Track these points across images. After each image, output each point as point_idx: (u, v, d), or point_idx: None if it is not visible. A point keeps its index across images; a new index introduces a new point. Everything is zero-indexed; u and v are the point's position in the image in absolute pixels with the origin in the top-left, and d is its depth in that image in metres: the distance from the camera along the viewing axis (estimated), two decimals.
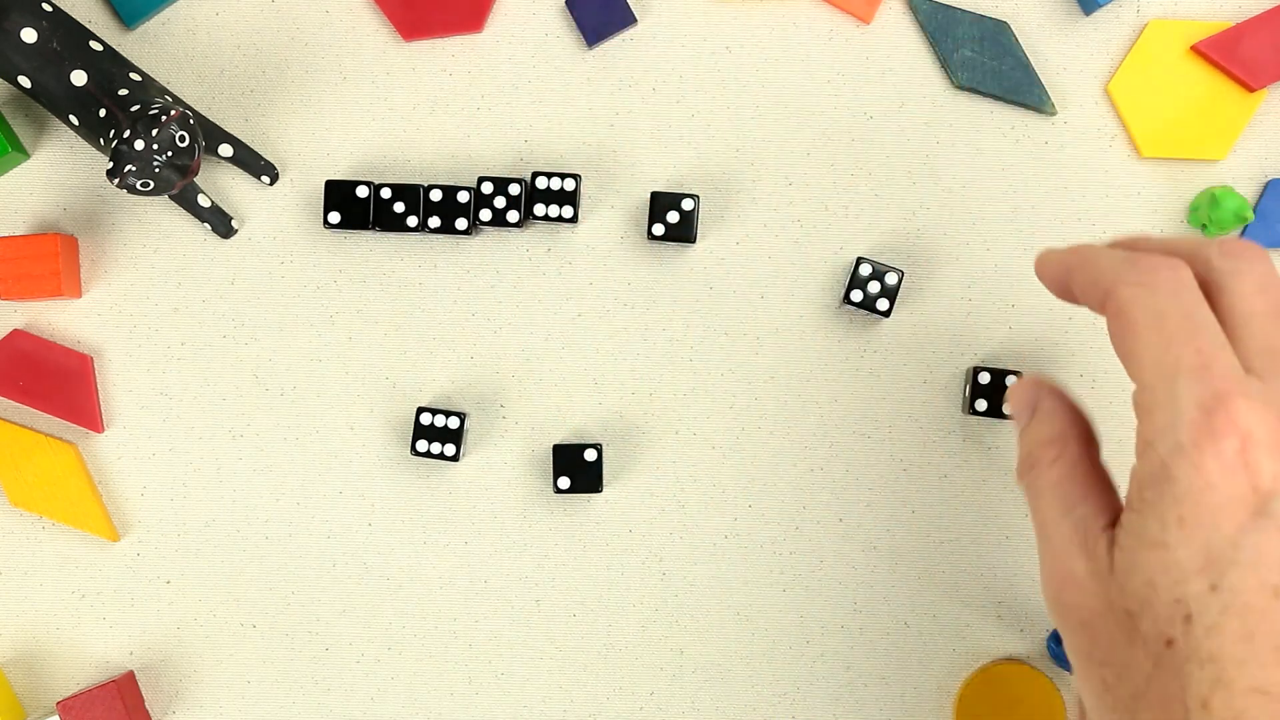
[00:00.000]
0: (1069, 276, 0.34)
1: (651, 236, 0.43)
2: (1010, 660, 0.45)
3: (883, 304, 0.44)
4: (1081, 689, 0.31)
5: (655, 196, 0.43)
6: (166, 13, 0.45)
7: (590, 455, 0.43)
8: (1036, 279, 0.36)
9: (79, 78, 0.41)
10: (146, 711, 0.44)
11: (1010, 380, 0.44)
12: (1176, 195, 0.45)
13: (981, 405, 0.44)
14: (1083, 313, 0.45)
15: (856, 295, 0.44)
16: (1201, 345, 0.30)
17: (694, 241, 0.43)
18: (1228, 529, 0.28)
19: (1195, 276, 0.32)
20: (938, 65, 0.45)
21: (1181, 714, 0.28)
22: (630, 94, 0.45)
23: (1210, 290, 0.32)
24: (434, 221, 0.44)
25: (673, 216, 0.43)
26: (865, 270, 0.44)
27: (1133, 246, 0.34)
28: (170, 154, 0.39)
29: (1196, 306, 0.31)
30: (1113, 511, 0.32)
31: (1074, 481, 0.33)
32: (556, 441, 0.45)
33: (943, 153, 0.45)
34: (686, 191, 0.45)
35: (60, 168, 0.45)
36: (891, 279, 0.44)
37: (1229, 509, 0.28)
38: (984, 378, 0.44)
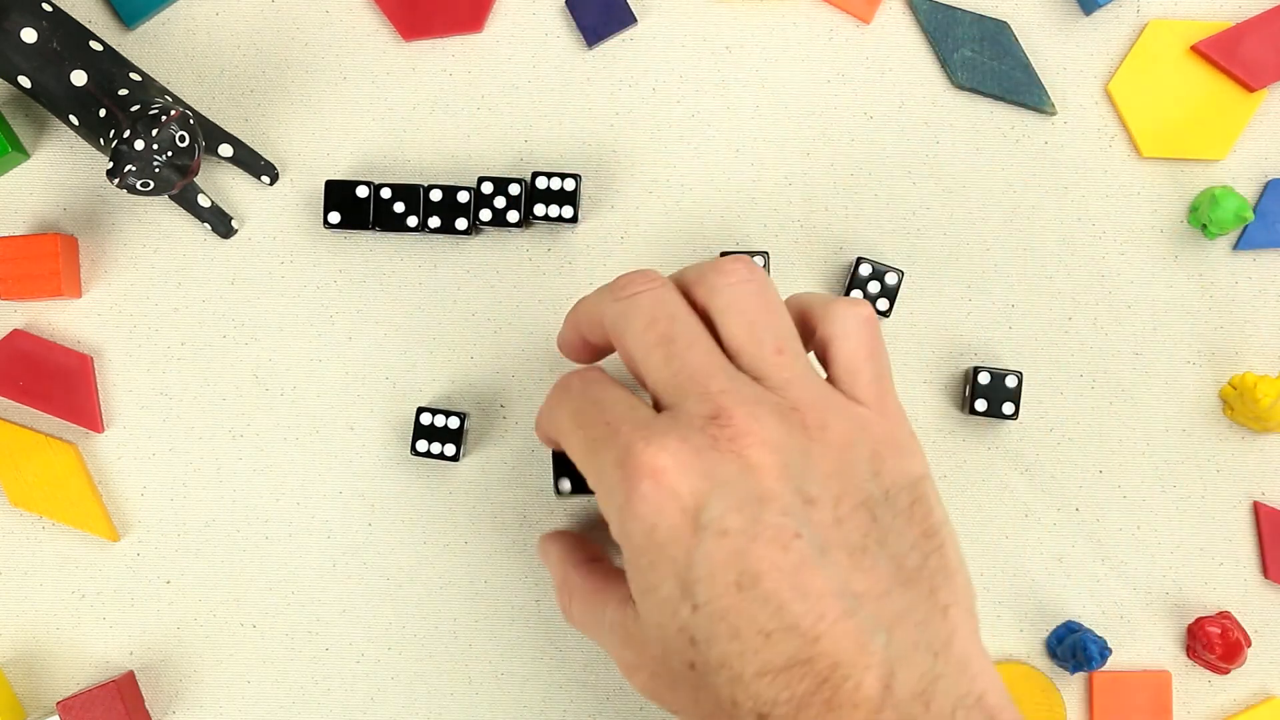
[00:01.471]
0: (547, 434, 0.39)
1: None
2: (1010, 660, 0.45)
3: (883, 304, 0.44)
4: None
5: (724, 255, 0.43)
6: (166, 13, 0.45)
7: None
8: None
9: (79, 78, 0.41)
10: (146, 711, 0.44)
11: (1010, 381, 0.44)
12: (1176, 195, 0.45)
13: (981, 405, 0.44)
14: (1083, 312, 0.45)
15: (856, 295, 0.44)
16: (608, 418, 0.34)
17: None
18: (681, 555, 0.31)
19: (606, 329, 0.36)
20: (938, 65, 0.45)
21: (726, 718, 0.32)
22: (630, 94, 0.45)
23: (618, 343, 0.35)
24: (434, 221, 0.44)
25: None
26: (865, 270, 0.44)
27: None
28: (170, 154, 0.39)
29: (601, 389, 0.35)
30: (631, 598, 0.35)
31: (591, 603, 0.37)
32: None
33: (943, 153, 0.45)
34: (688, 189, 0.45)
35: (60, 168, 0.45)
36: (891, 279, 0.44)
37: (674, 537, 0.31)
38: (984, 378, 0.44)
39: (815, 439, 0.33)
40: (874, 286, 0.44)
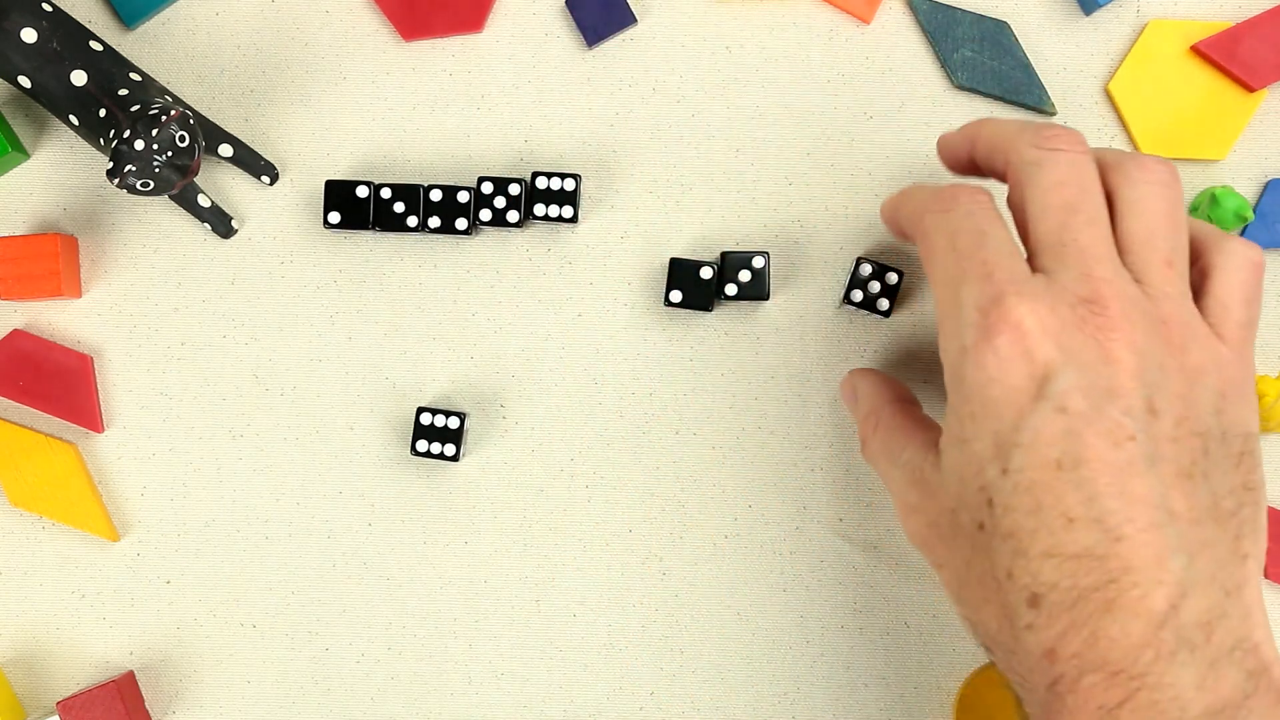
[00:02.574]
0: (896, 223, 0.38)
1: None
2: None
3: (883, 304, 0.44)
4: (946, 590, 0.35)
5: (724, 255, 0.44)
6: (166, 13, 0.45)
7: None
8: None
9: (79, 78, 0.41)
10: (146, 711, 0.44)
11: (891, 277, 0.43)
12: None
13: (857, 296, 0.43)
14: None
15: (856, 295, 0.44)
16: (986, 256, 0.33)
17: (767, 298, 0.44)
18: (1010, 416, 0.31)
19: (1012, 168, 0.35)
20: (938, 65, 0.45)
21: (995, 587, 0.32)
22: (630, 94, 0.45)
23: (1017, 185, 0.35)
24: (434, 221, 0.44)
25: (744, 275, 0.43)
26: (865, 270, 0.44)
27: (962, 140, 0.38)
28: (170, 154, 0.39)
29: (988, 222, 0.34)
30: (937, 445, 0.35)
31: (894, 438, 0.37)
32: (556, 441, 0.45)
33: None
34: (689, 188, 0.45)
35: (60, 168, 0.45)
36: (891, 279, 0.44)
37: (1010, 398, 0.31)
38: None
39: (1175, 356, 0.32)
40: (874, 286, 0.44)
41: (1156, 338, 0.32)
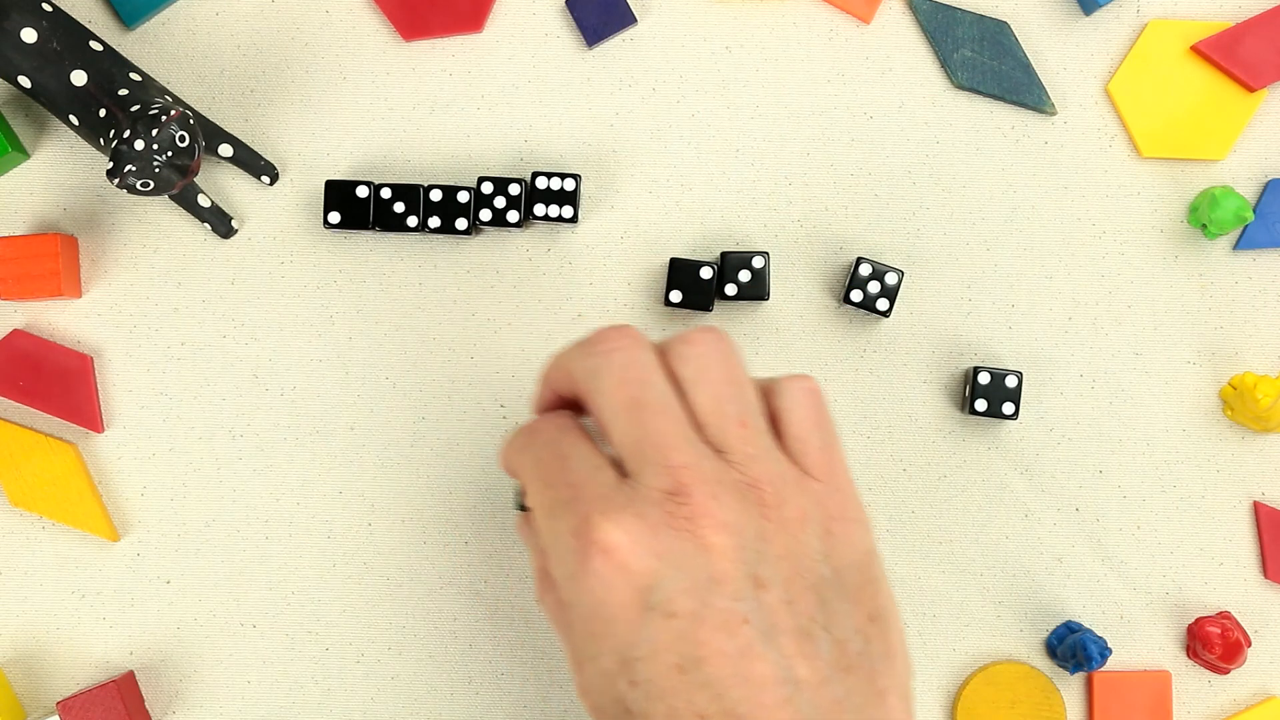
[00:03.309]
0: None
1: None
2: (1010, 660, 0.45)
3: (883, 304, 0.44)
4: None
5: (726, 256, 0.44)
6: (166, 13, 0.45)
7: None
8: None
9: (79, 78, 0.41)
10: (146, 711, 0.44)
11: (1010, 381, 0.44)
12: (1176, 195, 0.45)
13: (981, 405, 0.44)
14: (1083, 312, 0.45)
15: (856, 295, 0.44)
16: (570, 479, 0.33)
17: (767, 298, 0.44)
18: (625, 633, 0.31)
19: (578, 386, 0.35)
20: (938, 65, 0.45)
21: None
22: (630, 94, 0.45)
23: (587, 398, 0.35)
24: (434, 221, 0.44)
25: (744, 275, 0.43)
26: (865, 270, 0.44)
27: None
28: (170, 154, 0.39)
29: (569, 444, 0.34)
30: None
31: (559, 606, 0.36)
32: None
33: (943, 153, 0.45)
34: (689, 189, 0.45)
35: (60, 168, 0.45)
36: (891, 279, 0.44)
37: (621, 615, 0.31)
38: (984, 378, 0.44)
39: (771, 518, 0.32)
40: (874, 286, 0.44)
41: (749, 505, 0.32)
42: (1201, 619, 0.44)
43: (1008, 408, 0.44)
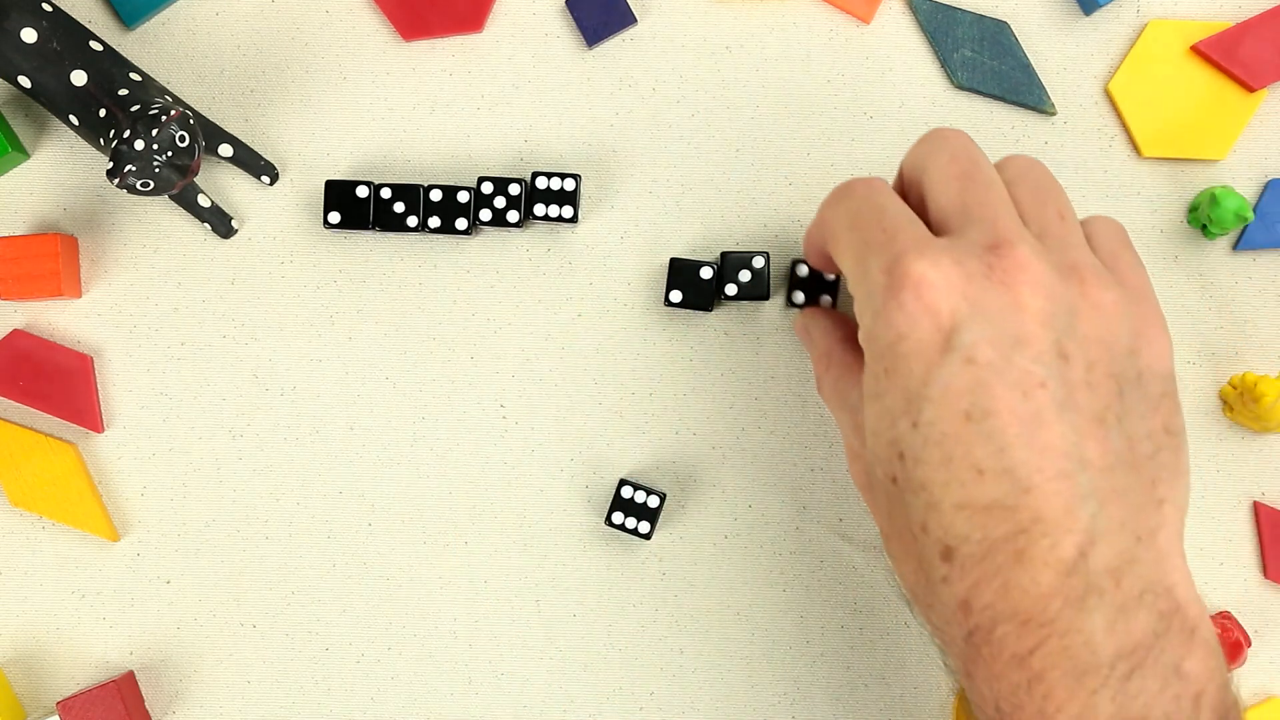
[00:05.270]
0: (816, 243, 0.38)
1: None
2: None
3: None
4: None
5: (724, 255, 0.43)
6: (166, 13, 0.45)
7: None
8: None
9: (79, 78, 0.41)
10: (146, 711, 0.44)
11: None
12: (1176, 195, 0.45)
13: (799, 298, 0.44)
14: None
15: (799, 296, 0.44)
16: (886, 224, 0.34)
17: (767, 298, 0.44)
18: (919, 371, 0.31)
19: (905, 170, 0.37)
20: (938, 65, 0.45)
21: (911, 540, 0.32)
22: (630, 94, 0.45)
23: (913, 176, 0.36)
24: (434, 221, 0.44)
25: (744, 275, 0.43)
26: (803, 271, 0.43)
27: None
28: (170, 154, 0.39)
29: (885, 197, 0.35)
30: None
31: (844, 379, 0.38)
32: (556, 441, 0.45)
33: None
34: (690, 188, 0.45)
35: (60, 168, 0.45)
36: None
37: (919, 353, 0.31)
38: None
39: (1087, 298, 0.33)
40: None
41: (1065, 281, 0.32)
42: None
43: None
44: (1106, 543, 0.31)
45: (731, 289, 0.43)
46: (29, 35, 0.40)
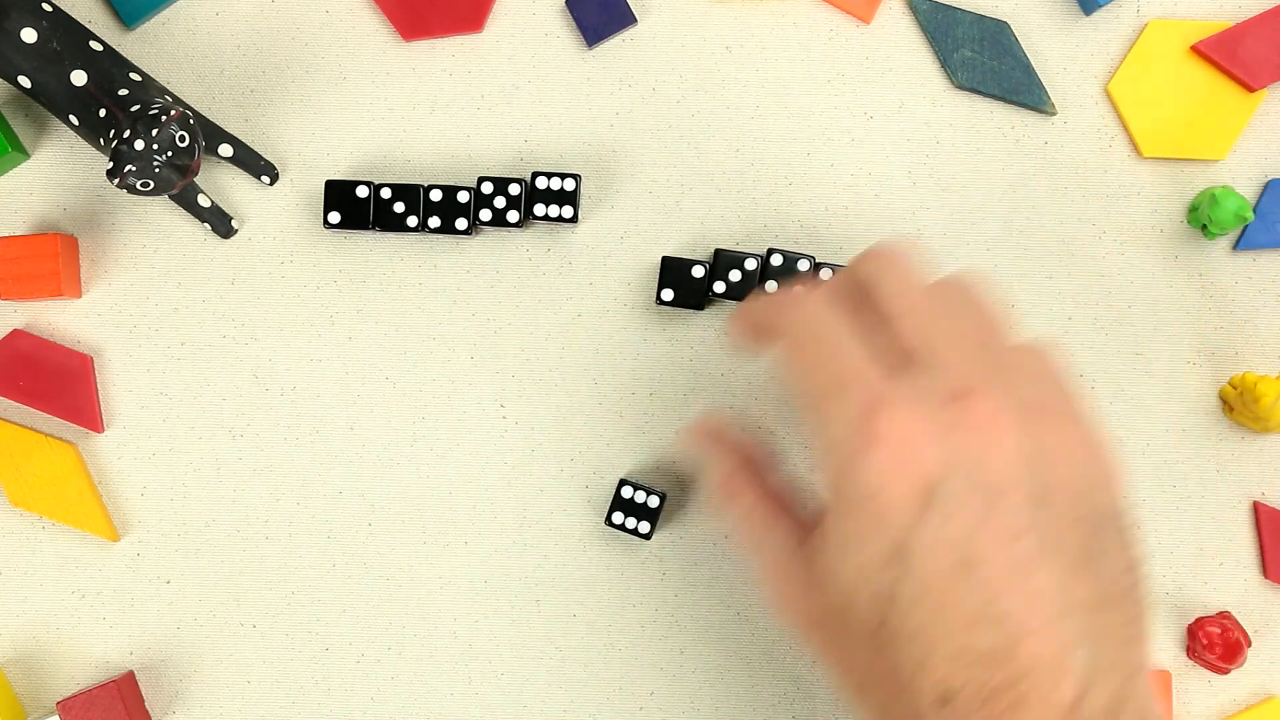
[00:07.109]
0: (750, 326, 0.38)
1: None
2: None
3: None
4: (830, 680, 0.35)
5: (718, 252, 0.43)
6: (166, 13, 0.45)
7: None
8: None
9: (79, 78, 0.41)
10: (146, 711, 0.44)
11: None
12: (1176, 195, 0.45)
13: (720, 288, 0.44)
14: (1083, 313, 0.45)
15: (720, 286, 0.44)
16: (841, 366, 0.33)
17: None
18: (901, 523, 0.31)
19: (858, 285, 0.36)
20: (938, 65, 0.45)
21: (898, 688, 0.32)
22: (630, 94, 0.45)
23: (867, 292, 0.36)
24: (434, 221, 0.44)
25: (734, 275, 0.43)
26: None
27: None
28: (170, 154, 0.39)
29: (834, 324, 0.35)
30: (800, 530, 0.36)
31: (756, 523, 0.37)
32: (556, 441, 0.45)
33: (943, 153, 0.45)
34: (693, 190, 0.45)
35: (60, 168, 0.45)
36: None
37: (899, 508, 0.31)
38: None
39: (1052, 438, 0.32)
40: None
41: (1029, 425, 0.32)
42: (1201, 619, 0.44)
43: None
44: (1102, 684, 0.31)
45: (720, 287, 0.43)
46: (29, 35, 0.40)
